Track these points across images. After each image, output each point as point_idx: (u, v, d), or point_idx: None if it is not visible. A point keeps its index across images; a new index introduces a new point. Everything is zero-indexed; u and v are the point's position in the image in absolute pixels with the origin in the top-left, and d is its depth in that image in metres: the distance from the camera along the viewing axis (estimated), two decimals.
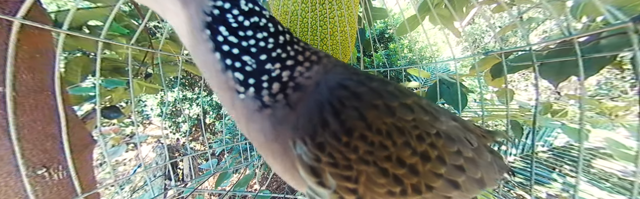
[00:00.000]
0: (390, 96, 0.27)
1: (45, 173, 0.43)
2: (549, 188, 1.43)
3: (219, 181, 0.84)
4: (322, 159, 0.24)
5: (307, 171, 0.25)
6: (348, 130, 0.24)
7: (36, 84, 0.44)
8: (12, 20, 0.29)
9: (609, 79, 3.68)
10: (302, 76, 0.27)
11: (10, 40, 0.29)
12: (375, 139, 0.24)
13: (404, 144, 0.25)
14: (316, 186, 0.26)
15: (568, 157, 1.60)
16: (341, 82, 0.27)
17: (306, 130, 0.25)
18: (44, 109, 0.45)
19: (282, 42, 0.27)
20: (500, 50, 0.50)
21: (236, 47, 0.25)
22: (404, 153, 0.25)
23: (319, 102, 0.25)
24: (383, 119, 0.25)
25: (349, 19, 0.71)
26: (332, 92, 0.26)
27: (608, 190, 1.29)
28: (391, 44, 3.29)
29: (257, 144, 0.29)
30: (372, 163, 0.25)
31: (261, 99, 0.26)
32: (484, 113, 0.58)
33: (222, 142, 2.27)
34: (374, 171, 0.25)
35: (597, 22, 0.60)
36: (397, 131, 0.25)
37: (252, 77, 0.26)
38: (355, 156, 0.24)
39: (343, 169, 0.24)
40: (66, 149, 0.35)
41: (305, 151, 0.24)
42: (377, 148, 0.25)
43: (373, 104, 0.25)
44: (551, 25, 3.63)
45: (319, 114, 0.25)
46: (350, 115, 0.24)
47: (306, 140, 0.24)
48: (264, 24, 0.26)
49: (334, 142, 0.24)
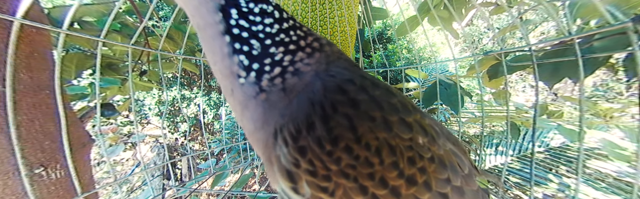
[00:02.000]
0: (391, 110, 0.25)
1: (43, 172, 0.43)
2: (545, 188, 1.44)
3: (216, 180, 0.84)
4: (301, 165, 0.23)
5: (284, 174, 0.24)
6: (334, 139, 0.22)
7: (34, 83, 0.43)
8: (12, 20, 0.29)
9: (605, 81, 3.71)
10: (302, 61, 0.27)
11: (10, 40, 0.29)
12: (361, 154, 0.23)
13: (392, 164, 0.24)
14: (289, 191, 0.25)
15: (564, 157, 1.61)
16: (341, 86, 0.25)
17: (289, 125, 0.24)
18: (42, 107, 0.44)
19: (286, 27, 0.27)
20: (501, 50, 0.50)
21: (246, 31, 0.25)
22: (389, 173, 0.24)
23: (310, 101, 0.24)
24: (376, 133, 0.23)
25: (349, 19, 0.72)
26: (327, 95, 0.24)
27: (603, 190, 1.31)
28: (390, 44, 3.30)
29: (247, 132, 0.29)
30: (352, 178, 0.23)
31: (260, 84, 0.26)
32: (483, 115, 0.58)
33: (221, 143, 2.26)
34: (353, 187, 0.23)
35: (590, 25, 0.61)
36: (389, 149, 0.24)
37: (256, 61, 0.26)
38: (336, 167, 0.23)
39: (321, 179, 0.23)
40: (66, 149, 0.35)
41: (285, 153, 0.23)
42: (362, 164, 0.23)
43: (370, 115, 0.23)
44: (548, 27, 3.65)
45: (307, 115, 0.23)
46: (340, 123, 0.23)
47: (288, 140, 0.23)
48: (271, 11, 0.26)
49: (316, 148, 0.22)
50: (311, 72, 0.26)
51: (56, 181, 0.45)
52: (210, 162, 0.84)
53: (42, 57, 0.46)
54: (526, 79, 4.72)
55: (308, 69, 0.26)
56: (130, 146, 3.50)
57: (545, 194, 1.44)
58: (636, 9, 0.48)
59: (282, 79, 0.26)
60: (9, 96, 0.29)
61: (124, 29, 0.81)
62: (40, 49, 0.45)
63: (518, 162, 1.71)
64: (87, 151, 0.56)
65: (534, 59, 0.43)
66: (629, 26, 0.31)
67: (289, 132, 0.23)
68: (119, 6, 0.42)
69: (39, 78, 0.44)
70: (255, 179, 2.76)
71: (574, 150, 1.63)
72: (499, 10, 0.87)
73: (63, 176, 0.46)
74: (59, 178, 0.46)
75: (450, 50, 0.62)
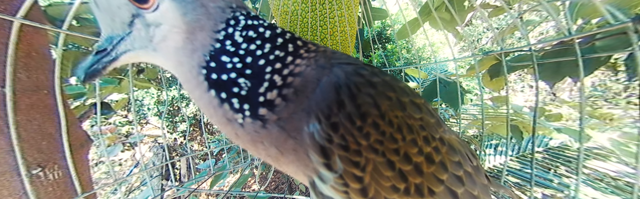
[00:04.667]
0: (402, 92, 0.27)
1: (40, 172, 0.43)
2: (544, 188, 1.44)
3: (215, 181, 0.84)
4: (334, 140, 0.24)
5: (317, 150, 0.25)
6: (363, 115, 0.24)
7: (32, 82, 0.43)
8: (12, 20, 0.28)
9: (603, 81, 3.73)
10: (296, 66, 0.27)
11: (10, 40, 0.28)
12: (386, 130, 0.25)
13: (412, 141, 0.26)
14: (323, 168, 0.25)
15: (563, 157, 1.62)
16: (357, 70, 0.27)
17: (321, 108, 0.25)
18: (40, 108, 0.44)
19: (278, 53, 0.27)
20: (501, 50, 0.50)
21: (227, 79, 0.26)
22: (411, 149, 0.25)
23: (336, 84, 0.25)
24: (395, 111, 0.25)
25: (349, 19, 0.72)
26: (349, 77, 0.26)
27: (602, 190, 1.31)
28: (389, 44, 3.30)
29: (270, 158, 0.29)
30: (381, 153, 0.25)
31: (260, 118, 0.26)
32: (483, 116, 0.58)
33: (220, 142, 2.26)
34: (382, 161, 0.25)
35: (591, 24, 0.61)
36: (407, 127, 0.26)
37: (246, 102, 0.26)
38: (366, 142, 0.24)
39: (353, 154, 0.24)
40: (66, 149, 0.35)
41: (318, 129, 0.24)
42: (388, 139, 0.25)
43: (387, 95, 0.26)
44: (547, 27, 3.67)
45: (336, 94, 0.25)
46: (366, 101, 0.24)
47: (320, 118, 0.24)
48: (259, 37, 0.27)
49: (348, 124, 0.24)
50: (311, 66, 0.27)
51: (54, 181, 0.45)
52: (209, 162, 0.83)
53: (40, 57, 0.45)
54: (525, 79, 4.74)
55: (303, 68, 0.27)
56: (129, 147, 3.49)
57: (544, 194, 1.44)
58: (637, 8, 0.48)
59: (282, 97, 0.26)
60: (9, 97, 0.29)
61: None
62: (38, 49, 0.45)
63: (517, 162, 1.72)
64: (86, 151, 0.56)
65: (535, 59, 0.43)
66: (629, 26, 0.31)
67: (322, 111, 0.25)
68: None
69: (37, 78, 0.44)
70: (254, 179, 2.75)
71: (573, 150, 1.64)
72: (498, 12, 0.87)
73: (61, 176, 0.46)
74: (57, 178, 0.45)
75: (451, 50, 0.62)
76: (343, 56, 0.30)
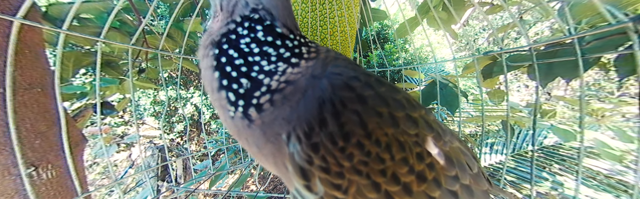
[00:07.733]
0: (397, 105, 0.25)
1: (34, 172, 0.42)
2: (538, 187, 1.47)
3: (213, 181, 0.84)
4: (314, 161, 0.23)
5: (297, 172, 0.24)
6: (346, 134, 0.22)
7: (25, 80, 0.42)
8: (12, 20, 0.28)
9: (597, 80, 3.79)
10: (292, 73, 0.27)
11: (10, 40, 0.28)
12: (372, 150, 0.23)
13: (402, 160, 0.24)
14: (303, 189, 0.24)
15: (557, 156, 1.64)
16: (348, 83, 0.25)
17: (302, 124, 0.24)
18: (33, 106, 0.43)
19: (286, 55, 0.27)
20: (500, 50, 0.50)
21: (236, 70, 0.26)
22: (400, 169, 0.24)
23: (320, 99, 0.24)
24: (384, 129, 0.23)
25: (349, 19, 0.72)
26: (335, 92, 0.24)
27: (595, 188, 1.34)
28: (387, 44, 3.31)
29: (253, 154, 0.29)
30: (365, 174, 0.23)
31: (248, 118, 0.26)
32: (483, 115, 0.59)
33: (218, 143, 2.24)
34: (366, 183, 0.23)
35: (582, 25, 0.62)
36: (398, 145, 0.24)
37: (242, 99, 0.26)
38: (349, 164, 0.23)
39: (334, 176, 0.23)
40: (66, 149, 0.34)
41: (298, 150, 0.23)
42: (374, 160, 0.23)
43: (377, 111, 0.24)
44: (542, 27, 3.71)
45: (319, 111, 0.23)
46: (351, 119, 0.23)
47: (301, 137, 0.23)
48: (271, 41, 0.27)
49: (329, 144, 0.23)
50: (307, 76, 0.27)
51: (47, 181, 0.44)
52: (207, 163, 0.83)
53: (33, 55, 0.44)
54: (521, 78, 4.79)
55: (298, 76, 0.27)
56: (125, 147, 3.45)
57: (538, 192, 1.46)
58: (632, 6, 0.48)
59: (271, 102, 0.26)
60: (9, 97, 0.28)
61: (122, 27, 0.80)
62: (31, 46, 0.44)
63: (512, 160, 1.74)
64: (80, 151, 0.55)
65: (535, 59, 0.43)
66: (629, 26, 0.31)
67: (302, 130, 0.23)
68: (119, 6, 0.41)
69: (30, 76, 0.43)
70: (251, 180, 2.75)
71: (567, 149, 1.67)
72: (494, 10, 0.88)
73: (54, 176, 0.45)
74: (51, 178, 0.44)
75: (450, 50, 0.63)
76: (343, 63, 0.29)
